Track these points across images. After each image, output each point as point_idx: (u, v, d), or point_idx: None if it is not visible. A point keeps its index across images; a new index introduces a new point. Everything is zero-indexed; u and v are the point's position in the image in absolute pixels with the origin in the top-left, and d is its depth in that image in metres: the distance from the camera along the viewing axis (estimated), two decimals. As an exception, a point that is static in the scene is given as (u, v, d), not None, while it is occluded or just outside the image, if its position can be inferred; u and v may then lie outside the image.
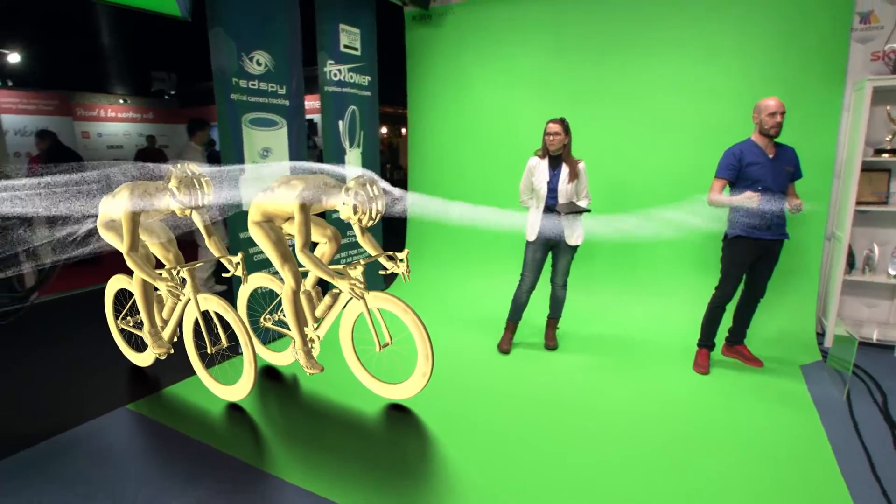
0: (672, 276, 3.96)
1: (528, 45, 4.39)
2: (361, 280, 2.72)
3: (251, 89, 3.40)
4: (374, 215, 2.56)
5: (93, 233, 2.83)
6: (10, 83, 7.02)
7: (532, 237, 3.34)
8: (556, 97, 4.31)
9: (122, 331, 3.35)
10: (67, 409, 2.85)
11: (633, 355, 3.48)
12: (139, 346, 3.34)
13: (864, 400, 2.86)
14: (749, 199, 2.81)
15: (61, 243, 2.71)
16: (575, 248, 3.32)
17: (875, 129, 3.47)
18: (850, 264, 3.59)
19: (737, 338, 3.34)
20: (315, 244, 3.11)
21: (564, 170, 3.18)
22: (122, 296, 3.31)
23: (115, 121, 8.35)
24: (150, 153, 7.41)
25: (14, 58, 6.59)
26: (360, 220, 2.56)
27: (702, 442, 2.49)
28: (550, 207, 3.22)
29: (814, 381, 3.08)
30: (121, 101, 8.50)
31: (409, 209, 4.74)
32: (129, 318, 3.27)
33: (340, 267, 2.78)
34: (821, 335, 3.68)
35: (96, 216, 2.85)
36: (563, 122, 3.15)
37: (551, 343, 3.60)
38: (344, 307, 2.94)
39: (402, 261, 2.87)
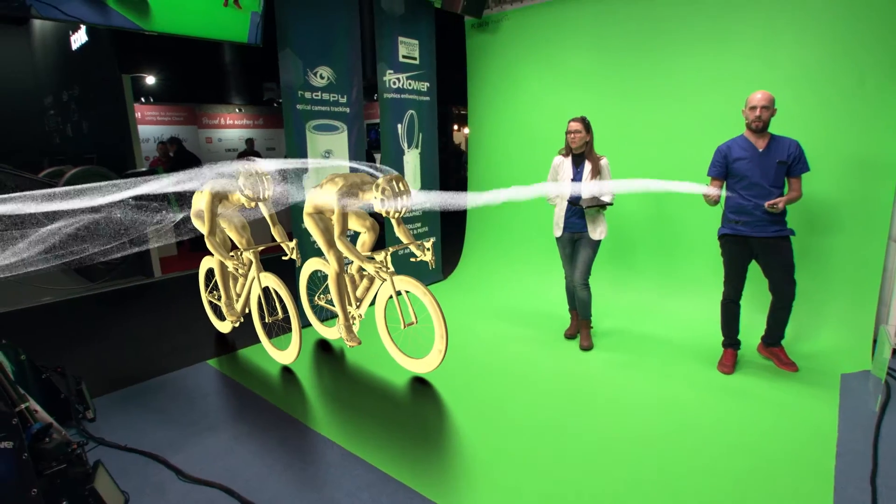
0: (711, 275, 3.86)
1: (579, 47, 4.49)
2: (387, 264, 3.11)
3: (315, 99, 3.95)
4: (399, 208, 2.93)
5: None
6: (151, 99, 8.55)
7: (558, 233, 3.50)
8: (607, 96, 4.37)
9: (210, 302, 4.07)
10: (165, 358, 3.58)
11: (662, 352, 3.48)
12: (223, 315, 4.03)
13: (903, 412, 2.67)
14: (709, 191, 3.01)
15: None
16: (597, 244, 3.42)
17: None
18: (919, 269, 3.28)
19: (771, 340, 3.23)
20: (358, 233, 3.56)
21: (587, 167, 3.30)
22: (212, 273, 4.03)
23: (232, 127, 9.70)
24: (249, 155, 8.54)
25: (154, 79, 8.02)
26: (387, 212, 2.94)
27: (698, 441, 2.53)
28: (574, 202, 3.35)
29: (849, 390, 2.91)
30: (237, 111, 9.84)
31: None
32: (214, 291, 3.97)
33: (371, 252, 3.19)
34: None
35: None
36: (583, 121, 3.28)
37: (584, 343, 3.61)
38: (378, 289, 3.35)
39: (428, 249, 3.21)
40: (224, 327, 3.97)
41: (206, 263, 3.93)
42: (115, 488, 2.11)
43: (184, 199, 3.53)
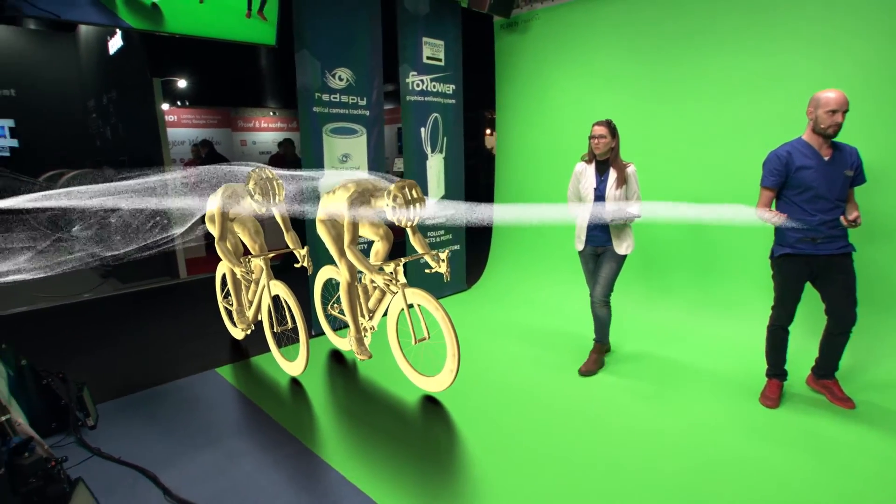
0: (755, 296, 3.51)
1: (613, 47, 4.22)
2: (397, 275, 2.94)
3: (332, 102, 3.84)
4: (412, 216, 2.76)
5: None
6: (187, 103, 8.75)
7: (580, 247, 3.25)
8: (644, 99, 4.08)
9: (225, 308, 4.00)
10: (175, 364, 3.52)
11: (696, 381, 3.16)
12: (238, 321, 3.96)
13: (984, 465, 2.29)
14: (773, 219, 2.61)
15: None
16: (623, 259, 3.14)
17: None
18: None
19: (824, 371, 2.87)
20: (371, 242, 3.41)
21: (612, 174, 3.04)
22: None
23: (266, 130, 9.82)
24: (281, 158, 8.54)
25: (187, 83, 8.21)
26: (399, 221, 2.77)
27: (735, 484, 2.24)
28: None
29: (918, 434, 2.53)
30: (271, 114, 9.95)
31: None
32: (229, 297, 3.91)
33: (382, 263, 3.03)
34: (956, 381, 2.97)
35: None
36: (609, 125, 3.02)
37: (584, 367, 3.30)
38: (391, 301, 3.18)
39: (442, 261, 3.02)
40: (238, 334, 3.90)
41: (222, 268, 3.87)
42: (95, 508, 2.01)
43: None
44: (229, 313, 3.98)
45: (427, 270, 3.17)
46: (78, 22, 3.13)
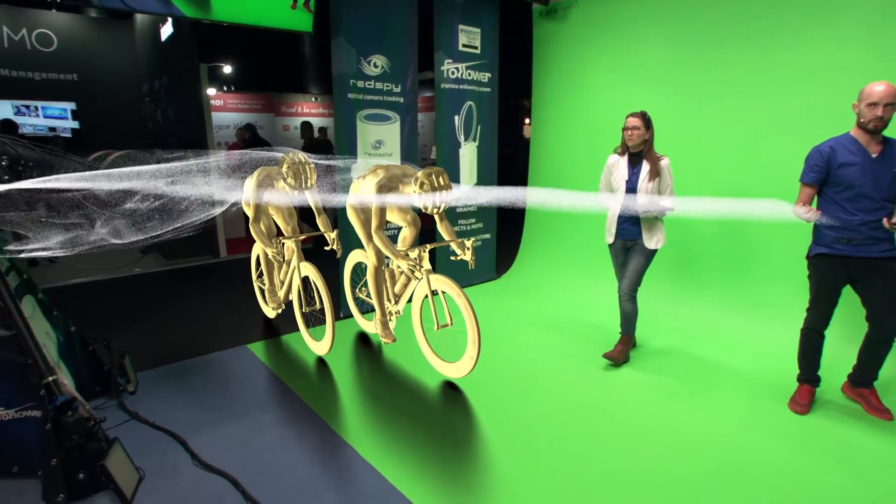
0: (791, 297, 3.36)
1: (656, 38, 4.09)
2: (421, 261, 2.98)
3: (367, 88, 3.89)
4: (438, 203, 2.79)
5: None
6: (232, 88, 9.04)
7: (610, 240, 3.20)
8: (686, 93, 3.95)
9: (259, 287, 4.16)
10: (210, 339, 3.70)
11: (723, 381, 3.08)
12: (271, 300, 4.10)
13: None
14: (805, 215, 2.52)
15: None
16: (652, 253, 3.08)
17: None
18: None
19: (861, 379, 2.74)
20: (399, 228, 3.46)
21: (645, 167, 2.97)
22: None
23: (308, 115, 10.02)
24: (319, 143, 8.72)
25: (232, 69, 8.48)
26: (425, 208, 2.81)
27: (757, 485, 2.18)
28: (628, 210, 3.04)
29: (961, 450, 2.39)
30: (313, 100, 10.15)
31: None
32: (262, 277, 4.05)
33: (408, 248, 3.08)
34: None
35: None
36: (643, 116, 2.95)
37: (610, 353, 3.25)
38: (416, 287, 3.23)
39: (468, 248, 3.04)
40: (270, 312, 4.04)
41: (256, 249, 4.01)
42: (130, 466, 2.15)
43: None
44: (262, 292, 4.13)
45: (452, 258, 3.20)
46: (136, 10, 3.28)
